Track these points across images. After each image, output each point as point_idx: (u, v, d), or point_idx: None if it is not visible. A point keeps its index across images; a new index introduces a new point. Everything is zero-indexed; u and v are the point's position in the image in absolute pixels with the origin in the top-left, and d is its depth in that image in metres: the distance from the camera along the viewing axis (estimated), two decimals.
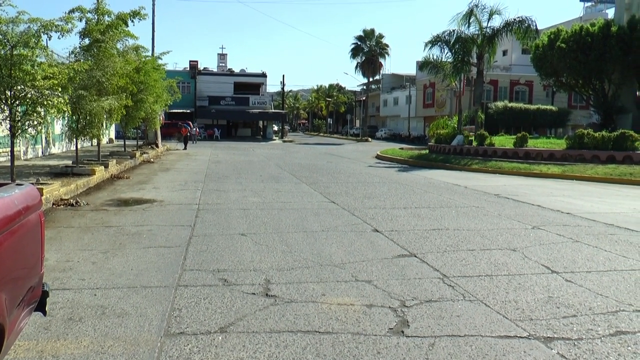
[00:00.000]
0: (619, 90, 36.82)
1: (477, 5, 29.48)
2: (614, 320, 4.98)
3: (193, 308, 5.08)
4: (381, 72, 77.92)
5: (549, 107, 50.69)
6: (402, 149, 39.23)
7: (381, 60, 72.55)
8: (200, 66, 69.60)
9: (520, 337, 4.51)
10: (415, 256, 7.26)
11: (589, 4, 41.19)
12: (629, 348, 4.37)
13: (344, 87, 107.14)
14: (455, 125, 34.61)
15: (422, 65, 33.36)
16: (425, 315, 4.98)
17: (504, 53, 61.94)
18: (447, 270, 6.55)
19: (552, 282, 6.19)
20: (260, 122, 71.77)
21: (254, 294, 5.54)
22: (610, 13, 42.83)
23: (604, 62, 35.10)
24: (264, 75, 71.11)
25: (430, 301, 5.40)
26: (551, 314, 5.09)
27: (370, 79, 77.37)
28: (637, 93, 38.69)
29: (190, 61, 68.65)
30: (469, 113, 33.27)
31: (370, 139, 69.52)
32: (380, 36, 71.95)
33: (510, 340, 4.45)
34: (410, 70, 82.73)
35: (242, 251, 7.43)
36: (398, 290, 5.71)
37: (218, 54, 74.94)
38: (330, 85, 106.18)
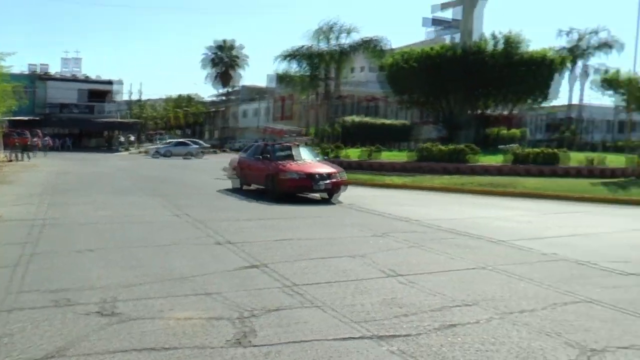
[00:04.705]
0: (461, 108, 40.17)
1: (329, 24, 30.68)
2: (449, 315, 5.46)
3: (29, 332, 4.75)
4: (239, 83, 78.17)
5: (400, 121, 53.59)
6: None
7: (239, 71, 72.95)
8: (52, 70, 65.17)
9: (363, 338, 4.78)
10: (266, 266, 7.37)
11: (431, 29, 44.56)
12: (459, 339, 4.83)
13: (199, 98, 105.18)
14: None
15: (278, 79, 33.99)
16: (273, 324, 5.08)
17: (362, 69, 64.63)
18: (296, 279, 6.72)
19: (395, 285, 6.60)
20: (113, 132, 68.67)
21: (99, 312, 5.31)
22: (449, 39, 46.57)
23: (449, 83, 38.08)
24: (117, 82, 68.19)
25: (278, 310, 5.52)
26: (391, 314, 5.44)
27: (229, 90, 77.31)
28: (479, 111, 42.50)
29: (29, 64, 63.79)
30: (324, 126, 34.38)
31: (227, 150, 68.98)
32: (240, 47, 72.26)
33: (353, 341, 4.71)
34: (273, 82, 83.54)
35: (88, 268, 7.08)
36: (247, 301, 5.76)
37: (72, 58, 70.50)
38: (188, 96, 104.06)
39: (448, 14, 43.14)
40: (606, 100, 41.26)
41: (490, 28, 58.03)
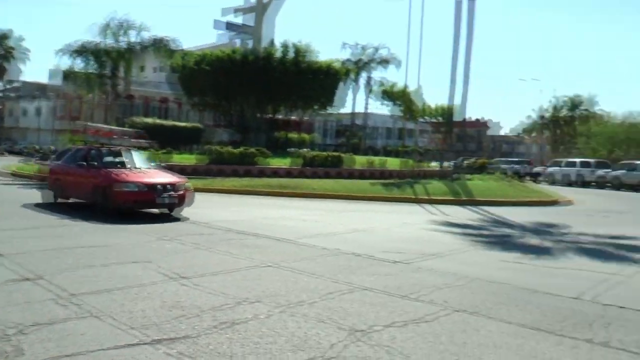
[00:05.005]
0: (253, 112, 41.09)
1: (117, 20, 29.42)
2: (230, 314, 5.58)
3: None
4: (18, 77, 71.16)
5: (192, 124, 53.00)
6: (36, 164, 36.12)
7: (19, 65, 66.30)
8: None
9: (141, 344, 4.68)
10: (41, 278, 6.83)
11: (222, 32, 45.03)
12: (239, 335, 4.98)
13: None
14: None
15: (63, 76, 31.77)
16: (46, 339, 4.74)
17: (154, 70, 62.73)
18: (74, 289, 6.34)
19: (178, 288, 6.57)
20: None
21: None
22: (240, 43, 47.43)
23: (240, 87, 38.67)
24: None
25: (53, 323, 5.16)
26: (172, 317, 5.41)
27: (6, 86, 70.04)
28: (269, 115, 43.81)
29: None
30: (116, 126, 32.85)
31: (5, 153, 62.36)
32: (20, 38, 65.75)
33: (130, 348, 4.59)
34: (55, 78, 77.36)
35: None
36: (15, 317, 5.27)
37: None
38: None
39: (242, 19, 44.05)
40: (385, 109, 45.48)
41: (282, 37, 60.06)
